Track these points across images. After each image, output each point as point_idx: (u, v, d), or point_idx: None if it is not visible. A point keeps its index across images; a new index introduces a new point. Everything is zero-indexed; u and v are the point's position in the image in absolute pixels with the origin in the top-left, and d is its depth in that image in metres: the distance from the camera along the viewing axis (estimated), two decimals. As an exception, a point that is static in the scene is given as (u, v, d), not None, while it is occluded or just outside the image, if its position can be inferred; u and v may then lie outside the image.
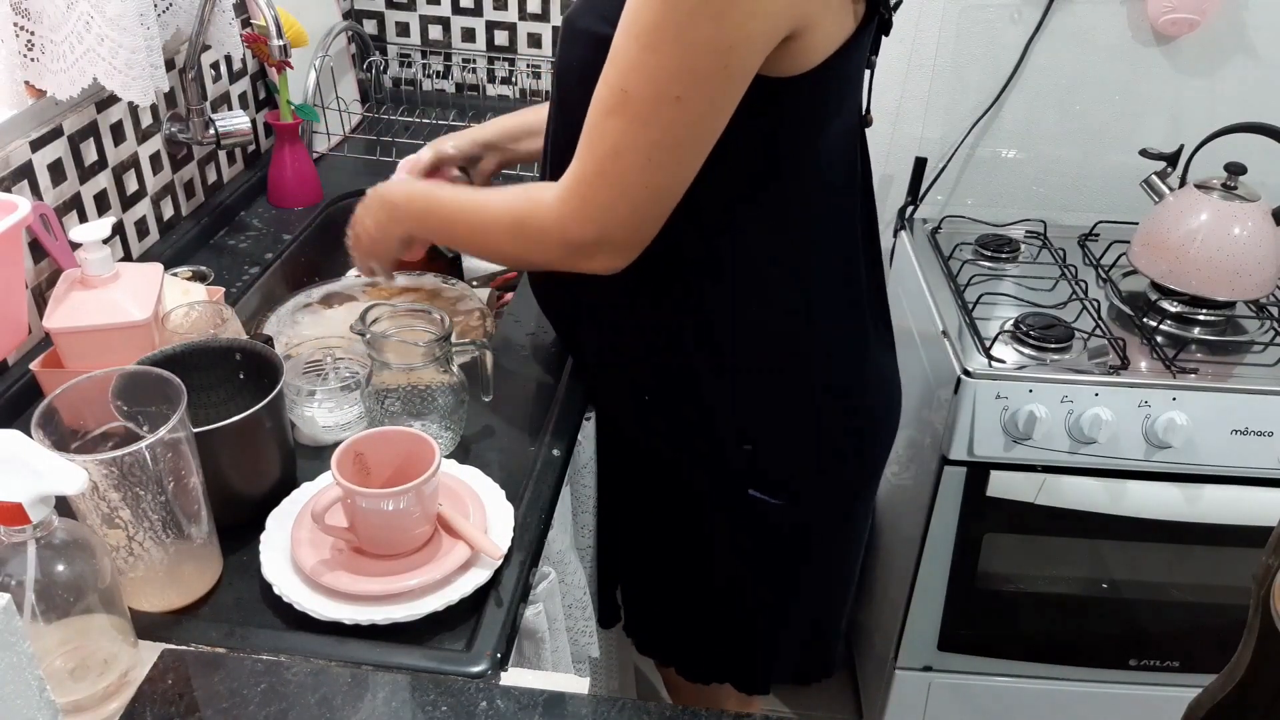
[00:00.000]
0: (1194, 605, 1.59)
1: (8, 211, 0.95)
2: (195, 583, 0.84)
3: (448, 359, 0.99)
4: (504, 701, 0.75)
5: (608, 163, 0.86)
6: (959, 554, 1.54)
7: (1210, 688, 0.60)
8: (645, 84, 0.82)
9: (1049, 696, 1.67)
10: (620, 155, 0.85)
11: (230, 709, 0.73)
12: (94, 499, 0.75)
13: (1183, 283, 1.49)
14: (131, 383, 0.81)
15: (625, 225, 0.89)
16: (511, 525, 0.90)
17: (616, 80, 0.83)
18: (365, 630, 0.80)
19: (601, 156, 0.86)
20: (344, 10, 1.78)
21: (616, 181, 0.86)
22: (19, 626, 0.60)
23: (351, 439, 0.86)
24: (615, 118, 0.84)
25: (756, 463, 1.08)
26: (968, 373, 1.42)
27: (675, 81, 0.81)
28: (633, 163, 0.85)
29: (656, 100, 0.82)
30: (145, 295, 1.01)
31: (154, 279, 1.04)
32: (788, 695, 1.93)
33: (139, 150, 1.30)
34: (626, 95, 0.83)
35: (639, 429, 1.14)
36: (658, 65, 0.81)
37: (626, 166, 0.85)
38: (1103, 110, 1.72)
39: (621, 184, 0.86)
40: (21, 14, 1.06)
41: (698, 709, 0.78)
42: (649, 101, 0.82)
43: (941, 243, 1.73)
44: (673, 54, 0.80)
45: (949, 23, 1.68)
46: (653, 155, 0.85)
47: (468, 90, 1.89)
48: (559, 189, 0.90)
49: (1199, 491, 1.46)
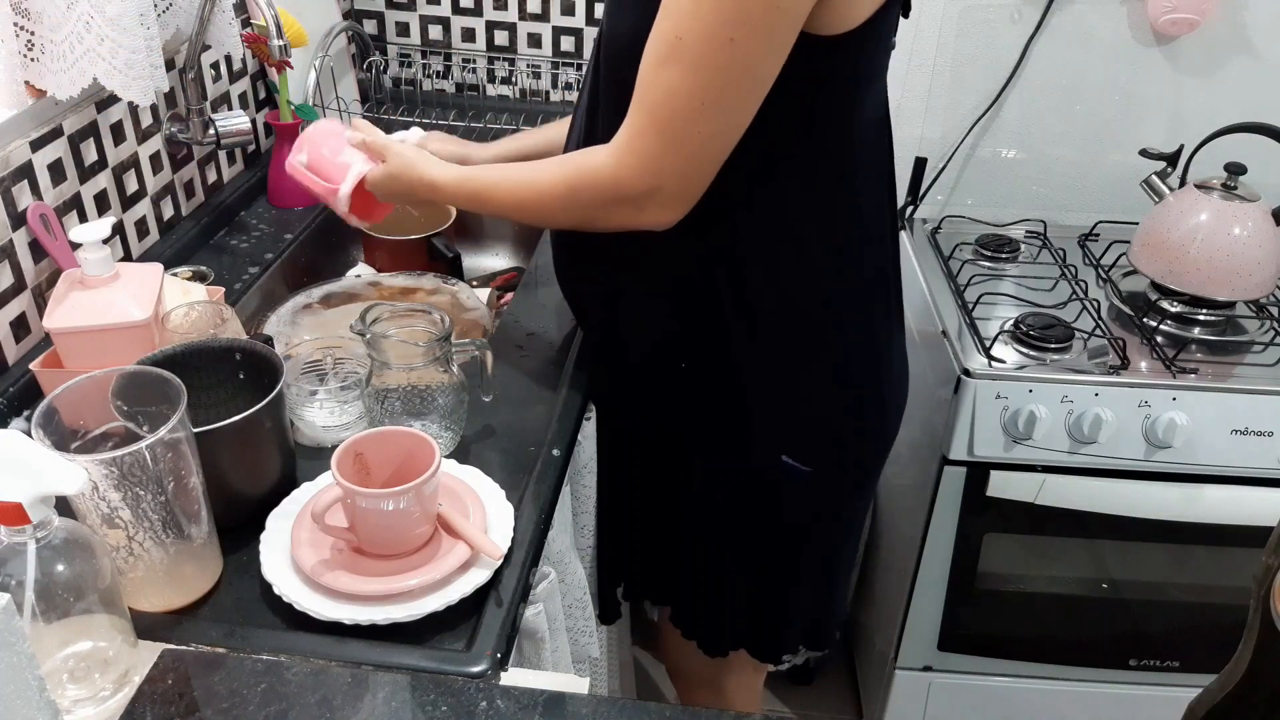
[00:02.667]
0: (1194, 605, 1.59)
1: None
2: (195, 583, 0.84)
3: (448, 359, 0.99)
4: (504, 701, 0.75)
5: (661, 110, 0.87)
6: (959, 554, 1.54)
7: (1210, 688, 0.60)
8: (699, 28, 0.83)
9: (1049, 696, 1.67)
10: (674, 101, 0.86)
11: (230, 709, 0.73)
12: (94, 499, 0.75)
13: (1183, 283, 1.49)
14: (131, 383, 0.81)
15: (679, 174, 0.90)
16: (511, 525, 0.90)
17: (670, 28, 0.85)
18: (365, 630, 0.80)
19: (654, 105, 0.87)
20: (344, 10, 1.78)
21: (669, 129, 0.88)
22: (19, 626, 0.60)
23: (351, 439, 0.86)
24: (668, 65, 0.86)
25: (787, 429, 1.09)
26: (968, 373, 1.42)
27: (728, 24, 0.82)
28: (686, 108, 0.86)
29: (710, 43, 0.83)
30: (145, 295, 1.01)
31: (154, 279, 1.04)
32: (788, 695, 1.93)
33: (139, 150, 1.30)
34: (680, 42, 0.84)
35: (664, 407, 1.14)
36: (712, 9, 0.82)
37: (680, 113, 0.87)
38: (1103, 110, 1.72)
39: (674, 131, 0.88)
40: (21, 14, 1.06)
41: (697, 709, 0.78)
42: (702, 44, 0.83)
43: (941, 243, 1.73)
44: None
45: (949, 23, 1.68)
46: (706, 99, 0.86)
47: (468, 90, 1.89)
48: (612, 144, 0.91)
49: (1199, 491, 1.46)
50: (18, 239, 1.09)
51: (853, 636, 1.99)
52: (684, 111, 0.87)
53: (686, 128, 0.88)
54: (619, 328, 1.13)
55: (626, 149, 0.90)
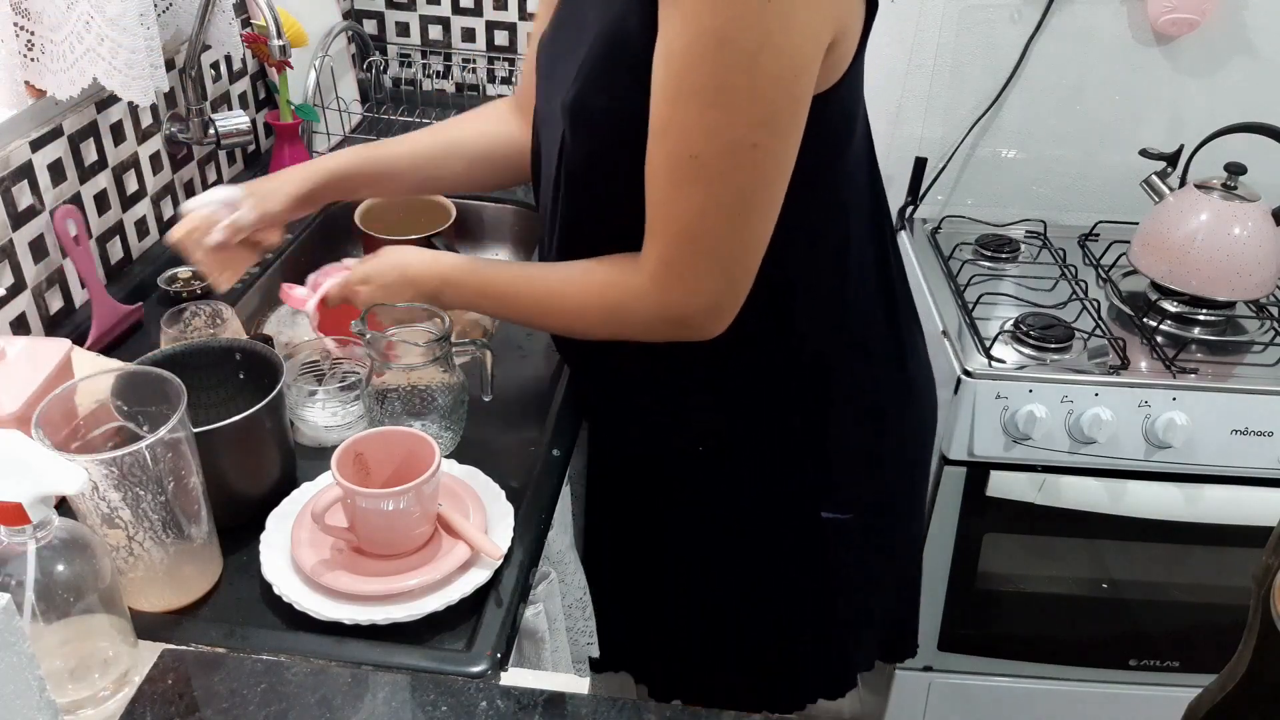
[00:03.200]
0: (1194, 605, 1.59)
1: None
2: (195, 583, 0.84)
3: (448, 359, 0.99)
4: (504, 701, 0.75)
5: (695, 240, 0.84)
6: (959, 554, 1.54)
7: (1210, 688, 0.60)
8: (717, 142, 0.79)
9: (1049, 696, 1.67)
10: (706, 221, 0.83)
11: (230, 709, 0.73)
12: (94, 499, 0.75)
13: (1183, 283, 1.49)
14: (131, 383, 0.81)
15: (725, 288, 0.87)
16: (511, 525, 0.90)
17: (681, 148, 0.80)
18: (365, 630, 0.80)
19: (684, 228, 0.84)
20: (344, 10, 1.78)
21: (706, 249, 0.84)
22: (19, 626, 0.60)
23: (351, 439, 0.87)
24: (690, 186, 0.82)
25: (825, 483, 1.05)
26: (968, 373, 1.42)
27: (750, 129, 0.79)
28: (718, 224, 0.83)
29: (732, 154, 0.80)
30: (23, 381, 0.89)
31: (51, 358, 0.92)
32: (788, 695, 1.93)
33: (139, 150, 1.30)
34: (697, 160, 0.80)
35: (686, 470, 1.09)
36: (729, 120, 0.78)
37: (713, 230, 0.83)
38: (1103, 110, 1.72)
39: (712, 249, 0.84)
40: (21, 14, 1.06)
41: (697, 709, 0.78)
42: (724, 157, 0.80)
43: (941, 243, 1.73)
44: (745, 102, 0.78)
45: (949, 23, 1.68)
46: (737, 211, 0.83)
47: (468, 90, 1.89)
48: (647, 272, 0.87)
49: (1199, 491, 1.46)
50: (18, 239, 1.09)
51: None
52: (718, 227, 0.83)
53: (723, 240, 0.84)
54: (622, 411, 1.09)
55: (666, 274, 0.86)
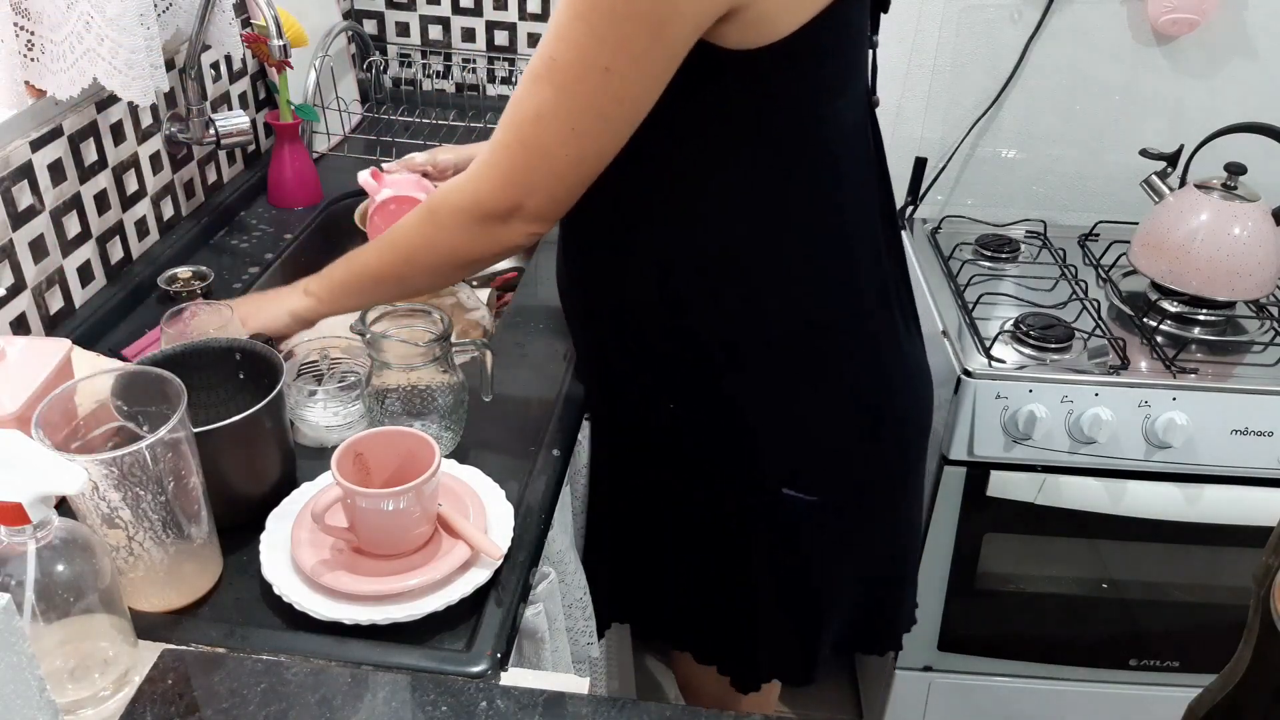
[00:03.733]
0: (1194, 605, 1.59)
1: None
2: (195, 583, 0.84)
3: (448, 359, 0.99)
4: (504, 701, 0.75)
5: (528, 128, 0.86)
6: (959, 554, 1.54)
7: (1210, 688, 0.60)
8: (573, 52, 0.82)
9: (1049, 696, 1.67)
10: (542, 121, 0.86)
11: (230, 709, 0.73)
12: (94, 499, 0.75)
13: (1183, 283, 1.49)
14: (131, 383, 0.81)
15: (543, 191, 0.89)
16: (511, 525, 0.90)
17: (546, 48, 0.84)
18: (365, 630, 0.80)
19: (522, 122, 0.87)
20: (344, 10, 1.78)
21: (537, 148, 0.87)
22: (19, 626, 0.60)
23: (351, 439, 0.86)
24: (541, 84, 0.85)
25: (792, 459, 1.07)
26: (968, 373, 1.42)
27: (604, 52, 0.81)
28: (555, 129, 0.85)
29: (583, 68, 0.82)
30: (23, 381, 0.88)
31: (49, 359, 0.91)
32: (788, 695, 1.93)
33: (139, 150, 1.30)
34: (554, 63, 0.83)
35: (665, 437, 1.11)
36: (588, 34, 0.81)
37: (548, 133, 0.86)
38: (1103, 110, 1.72)
39: (542, 150, 0.87)
40: (21, 14, 1.06)
41: (697, 709, 0.78)
42: (575, 68, 0.83)
43: (941, 243, 1.73)
44: (603, 24, 0.80)
45: (949, 23, 1.68)
46: (577, 124, 0.85)
47: (468, 90, 1.89)
48: (475, 163, 0.91)
49: (1199, 491, 1.46)
50: (18, 239, 1.09)
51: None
52: (553, 131, 0.86)
53: (555, 146, 0.86)
54: (610, 371, 1.11)
55: (492, 163, 0.89)
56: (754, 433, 1.05)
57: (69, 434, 0.79)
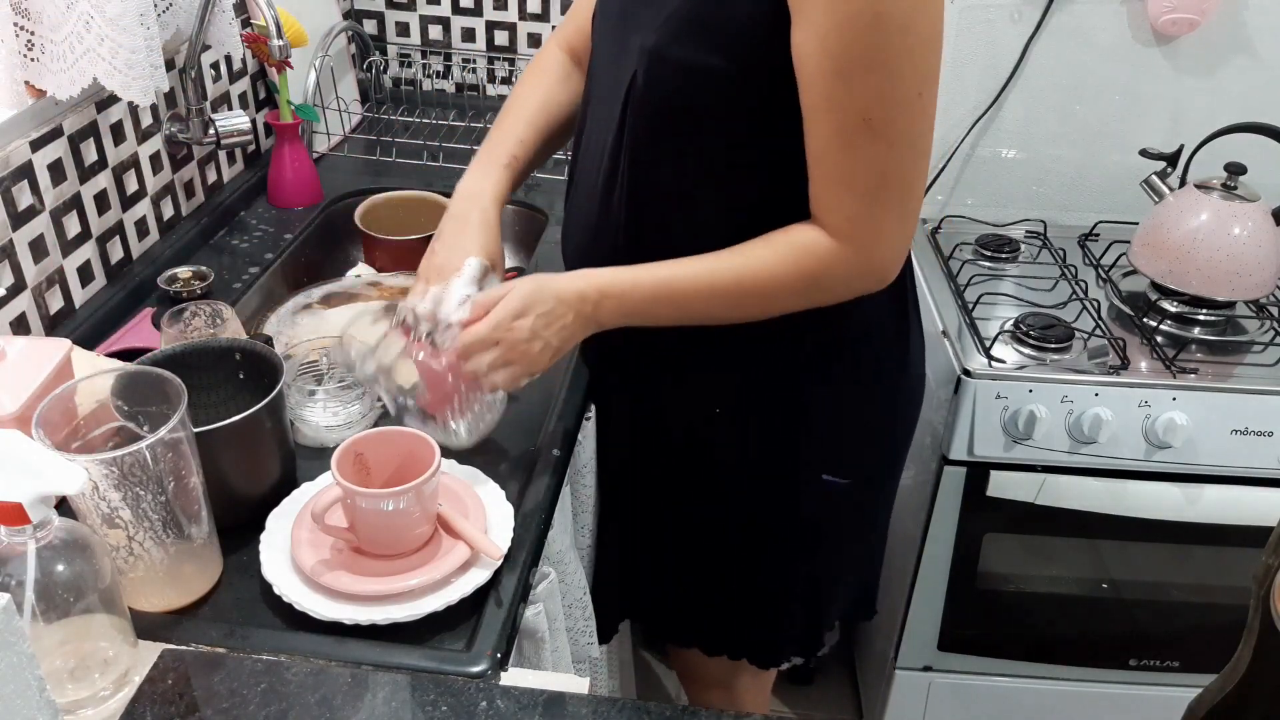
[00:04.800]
0: (1194, 605, 1.59)
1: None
2: (195, 583, 0.84)
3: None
4: (504, 701, 0.75)
5: (880, 193, 0.89)
6: (959, 554, 1.54)
7: (1210, 688, 0.60)
8: (886, 103, 0.85)
9: (1049, 696, 1.67)
10: (888, 175, 0.88)
11: (230, 709, 0.73)
12: (94, 499, 0.75)
13: (1183, 283, 1.49)
14: (131, 383, 0.81)
15: (908, 230, 0.93)
16: (511, 525, 0.90)
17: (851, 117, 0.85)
18: (365, 630, 0.80)
19: (868, 186, 0.89)
20: (344, 10, 1.78)
21: (890, 199, 0.89)
22: (19, 626, 0.60)
23: (351, 439, 0.87)
24: (868, 146, 0.86)
25: (832, 448, 1.09)
26: (968, 373, 1.42)
27: (913, 84, 0.85)
28: (898, 174, 0.89)
29: (901, 109, 0.85)
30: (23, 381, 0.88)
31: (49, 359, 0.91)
32: (788, 695, 1.93)
33: (139, 150, 1.30)
34: (870, 123, 0.85)
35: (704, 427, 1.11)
36: (894, 82, 0.84)
37: (894, 180, 0.89)
38: (1103, 110, 1.72)
39: (895, 198, 0.90)
40: (21, 14, 1.06)
41: (697, 709, 0.78)
42: (895, 113, 0.85)
43: (941, 243, 1.73)
44: (906, 65, 0.84)
45: (949, 23, 1.67)
46: (910, 158, 0.89)
47: (468, 90, 1.89)
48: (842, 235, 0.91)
49: (1199, 491, 1.46)
50: (18, 239, 1.09)
51: (853, 637, 1.99)
52: (897, 178, 0.89)
53: (903, 191, 0.90)
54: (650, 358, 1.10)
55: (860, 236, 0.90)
56: (806, 414, 1.07)
57: (69, 434, 0.79)
